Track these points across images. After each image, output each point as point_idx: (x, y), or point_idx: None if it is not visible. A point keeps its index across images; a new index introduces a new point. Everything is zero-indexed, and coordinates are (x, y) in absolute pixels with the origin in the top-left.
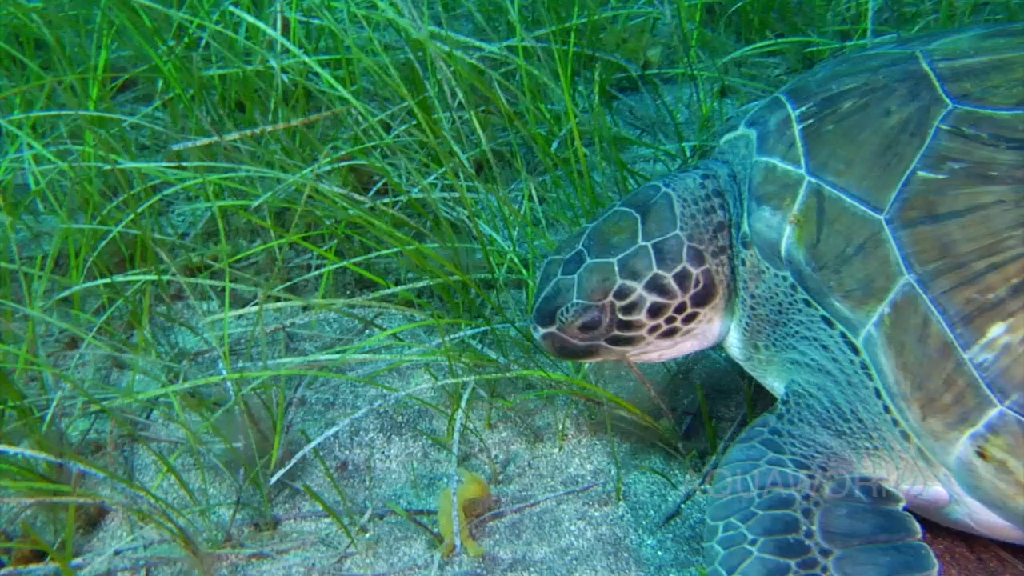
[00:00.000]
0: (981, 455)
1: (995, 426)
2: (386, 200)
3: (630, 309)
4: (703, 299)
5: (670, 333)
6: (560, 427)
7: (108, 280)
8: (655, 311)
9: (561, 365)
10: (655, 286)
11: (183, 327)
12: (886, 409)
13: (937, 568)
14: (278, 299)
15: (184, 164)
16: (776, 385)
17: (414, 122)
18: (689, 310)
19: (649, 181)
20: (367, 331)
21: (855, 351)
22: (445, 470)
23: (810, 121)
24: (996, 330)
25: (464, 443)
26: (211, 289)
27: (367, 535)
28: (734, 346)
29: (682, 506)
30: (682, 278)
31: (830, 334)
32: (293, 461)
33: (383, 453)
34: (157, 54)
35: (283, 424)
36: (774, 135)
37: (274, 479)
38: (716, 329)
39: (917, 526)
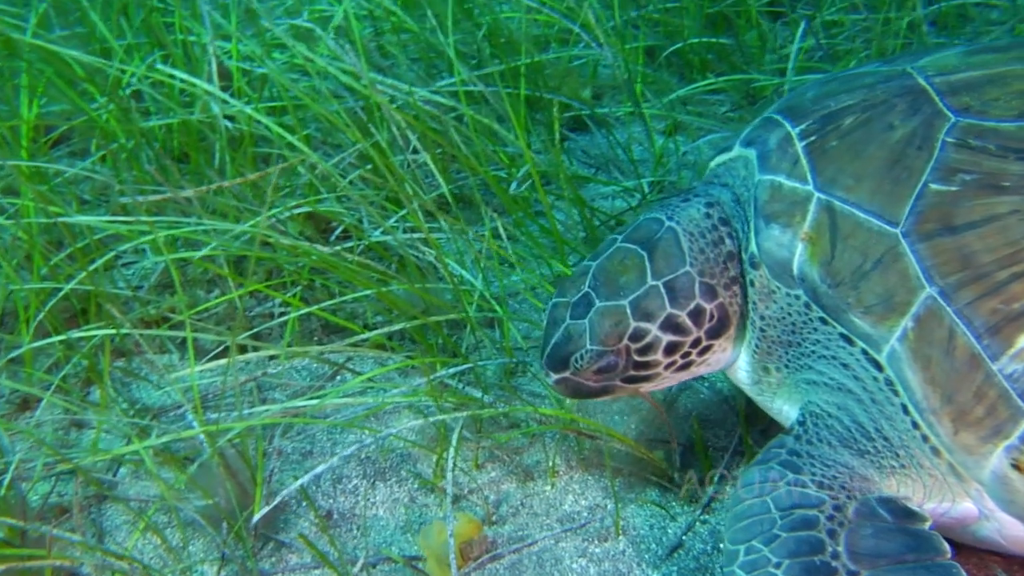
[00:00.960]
0: (1016, 467)
1: None
2: (348, 244)
3: (646, 350)
4: (718, 332)
5: (685, 366)
6: (551, 464)
7: (64, 336)
8: (671, 349)
9: (550, 400)
10: (670, 325)
11: (144, 382)
12: (915, 425)
13: None
14: (245, 348)
15: (133, 217)
16: (785, 408)
17: (368, 166)
18: (704, 343)
19: (648, 212)
20: (339, 377)
21: (878, 367)
22: (435, 514)
23: (812, 138)
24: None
25: (453, 485)
26: (170, 342)
27: None
28: (742, 369)
29: (684, 538)
30: (696, 315)
31: (850, 352)
32: (276, 500)
33: (369, 500)
34: (92, 107)
35: (263, 475)
36: (776, 153)
37: (256, 518)
38: (728, 355)
39: (946, 545)
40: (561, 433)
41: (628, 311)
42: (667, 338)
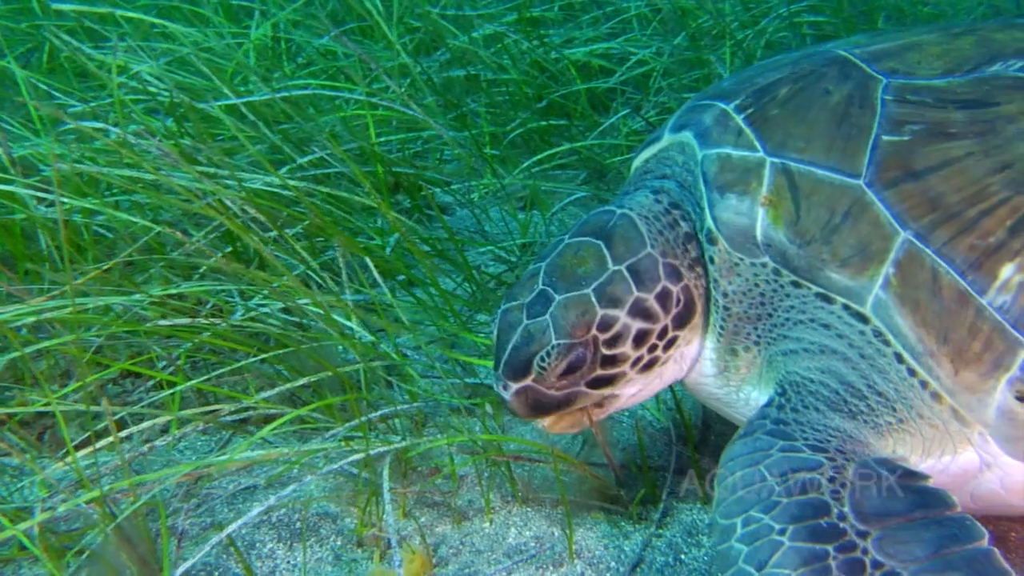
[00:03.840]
0: (1022, 399)
1: None
2: (222, 324)
3: (615, 341)
4: (684, 319)
5: (650, 364)
6: (485, 500)
7: None
8: (640, 339)
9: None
10: (638, 310)
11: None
12: (911, 372)
13: (988, 537)
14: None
15: None
16: (755, 395)
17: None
18: (670, 334)
19: (592, 211)
20: (229, 446)
21: (863, 321)
22: (365, 569)
23: (751, 110)
24: (1007, 271)
25: (382, 533)
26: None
27: None
28: (705, 360)
29: (643, 553)
30: (663, 298)
31: (829, 310)
32: (202, 553)
33: (289, 563)
34: None
35: (165, 549)
36: (716, 129)
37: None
38: (693, 352)
39: (954, 499)
40: (492, 469)
41: (593, 299)
42: (636, 325)
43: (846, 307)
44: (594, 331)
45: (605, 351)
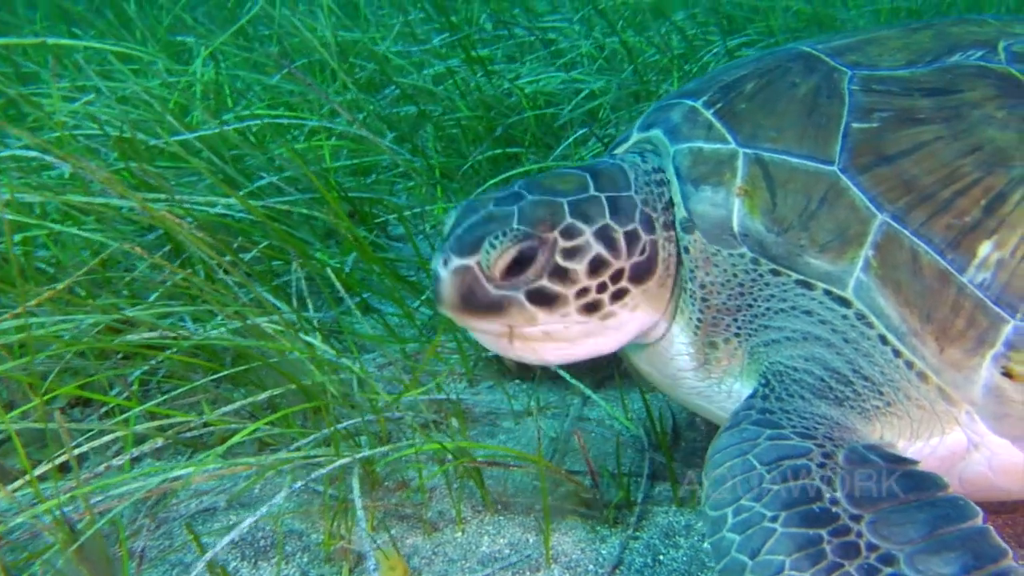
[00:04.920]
0: (1008, 375)
1: (1013, 342)
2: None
3: (572, 254)
4: (641, 274)
5: (593, 308)
6: (456, 508)
7: None
8: (595, 266)
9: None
10: (605, 236)
11: None
12: (896, 354)
13: (982, 515)
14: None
15: None
16: (736, 387)
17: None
18: (623, 282)
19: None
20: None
21: (845, 305)
22: None
23: (719, 105)
24: (985, 249)
25: (352, 544)
26: None
27: None
28: (682, 355)
29: (621, 555)
30: (632, 238)
31: (811, 297)
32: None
33: None
34: None
35: (128, 567)
36: (686, 124)
37: None
38: (636, 324)
39: (945, 480)
40: (462, 480)
41: (566, 207)
42: (597, 248)
43: (827, 292)
44: (556, 233)
45: (559, 260)
